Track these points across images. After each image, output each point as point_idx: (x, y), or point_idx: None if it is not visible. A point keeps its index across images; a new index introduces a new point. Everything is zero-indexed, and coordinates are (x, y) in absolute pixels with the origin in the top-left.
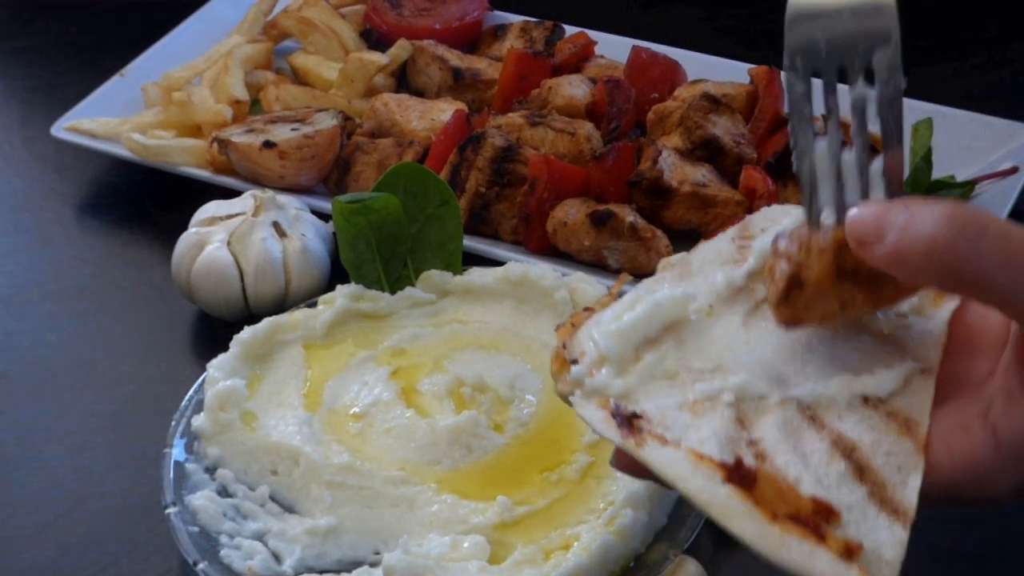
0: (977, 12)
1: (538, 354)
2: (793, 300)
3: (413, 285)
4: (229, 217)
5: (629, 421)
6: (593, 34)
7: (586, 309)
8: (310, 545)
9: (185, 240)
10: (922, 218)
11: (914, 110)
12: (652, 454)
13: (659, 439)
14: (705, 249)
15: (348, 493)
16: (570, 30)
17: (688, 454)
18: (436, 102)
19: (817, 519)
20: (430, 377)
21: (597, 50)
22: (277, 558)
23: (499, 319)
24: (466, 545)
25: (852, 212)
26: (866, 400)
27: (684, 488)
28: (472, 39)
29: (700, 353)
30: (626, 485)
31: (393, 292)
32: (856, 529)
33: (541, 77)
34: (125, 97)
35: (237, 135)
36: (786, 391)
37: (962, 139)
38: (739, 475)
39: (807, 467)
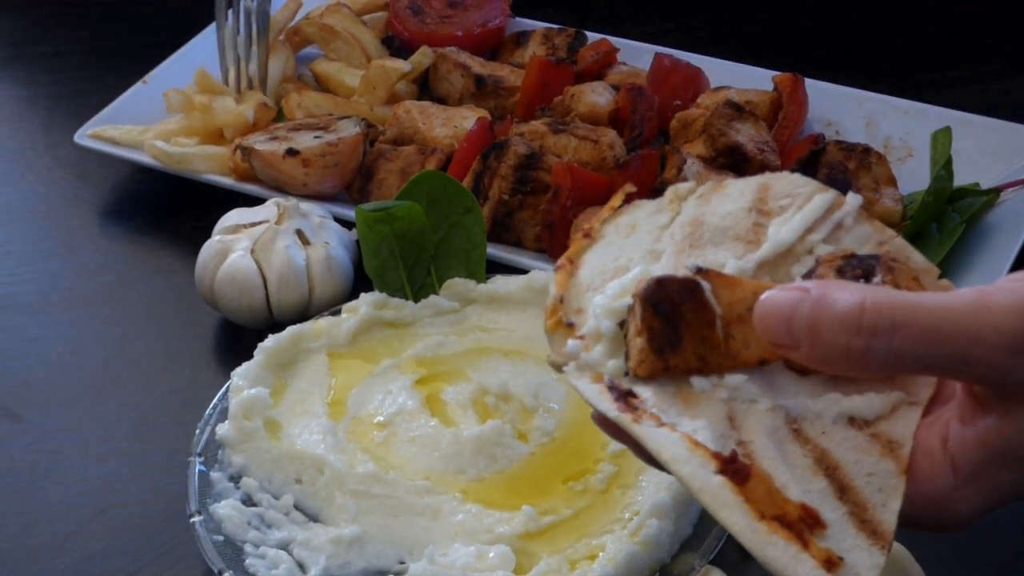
0: (995, 18)
1: None
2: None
3: (437, 293)
4: (252, 225)
5: (625, 397)
6: (615, 41)
7: (584, 235)
8: (335, 554)
9: (208, 248)
10: (830, 324)
11: (938, 117)
12: (647, 432)
13: (655, 419)
14: (721, 206)
15: (373, 502)
16: (592, 37)
17: (684, 438)
18: (458, 109)
19: (802, 526)
20: (454, 386)
21: (619, 57)
22: (302, 567)
23: (523, 327)
24: (491, 555)
25: (759, 304)
26: (852, 421)
27: (678, 470)
28: (494, 46)
29: None
30: (651, 495)
31: (417, 300)
32: (836, 544)
33: (564, 84)
34: (148, 104)
35: (260, 142)
36: (776, 399)
37: (987, 146)
38: (733, 468)
39: (794, 478)
